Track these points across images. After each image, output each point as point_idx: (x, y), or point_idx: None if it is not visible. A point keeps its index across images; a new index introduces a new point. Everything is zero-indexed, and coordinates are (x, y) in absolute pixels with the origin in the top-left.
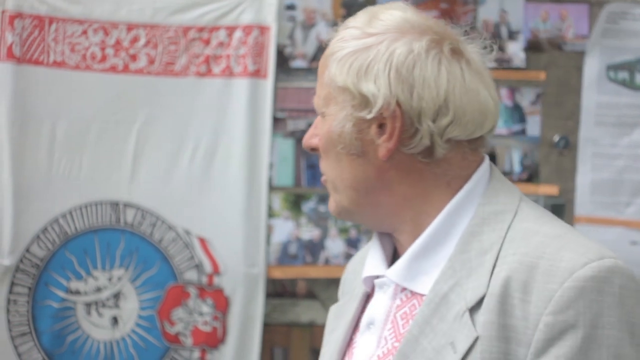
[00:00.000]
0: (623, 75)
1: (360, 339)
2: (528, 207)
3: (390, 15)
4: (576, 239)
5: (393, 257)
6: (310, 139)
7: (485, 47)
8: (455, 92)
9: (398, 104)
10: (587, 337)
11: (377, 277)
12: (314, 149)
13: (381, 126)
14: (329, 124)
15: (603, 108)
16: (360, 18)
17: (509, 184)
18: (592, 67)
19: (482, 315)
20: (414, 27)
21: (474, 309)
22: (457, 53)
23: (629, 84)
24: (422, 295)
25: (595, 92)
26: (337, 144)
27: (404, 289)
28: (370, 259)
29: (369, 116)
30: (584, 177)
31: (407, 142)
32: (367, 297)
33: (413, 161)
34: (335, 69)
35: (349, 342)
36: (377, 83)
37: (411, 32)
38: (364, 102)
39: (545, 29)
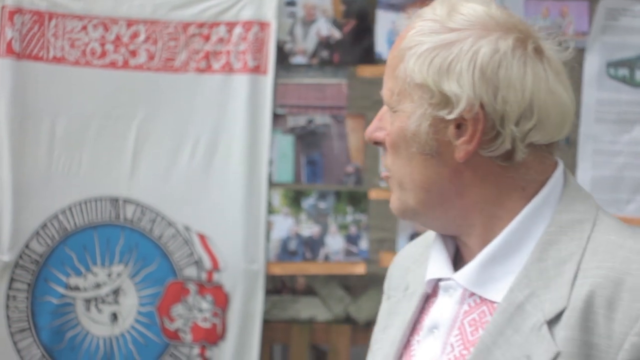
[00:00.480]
0: (623, 72)
1: (421, 342)
2: (607, 217)
3: (472, 10)
4: None
5: (455, 259)
6: (375, 132)
7: (560, 44)
8: (540, 95)
9: (481, 105)
10: None
11: (441, 279)
12: (378, 143)
13: (459, 126)
14: (402, 120)
15: (603, 105)
16: (438, 10)
17: (585, 191)
18: (593, 64)
19: (562, 330)
20: (499, 24)
21: (553, 322)
22: (539, 52)
23: (629, 81)
24: (492, 302)
25: (596, 89)
26: (410, 143)
27: (472, 294)
28: (433, 260)
29: (449, 116)
30: (584, 174)
31: (486, 145)
32: (426, 298)
33: (490, 164)
34: (414, 65)
35: (406, 344)
36: (460, 83)
37: (496, 29)
38: (444, 101)
39: (546, 25)
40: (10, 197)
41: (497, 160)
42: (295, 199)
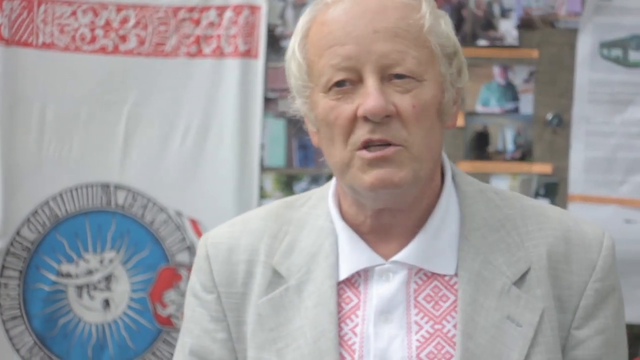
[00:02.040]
0: (616, 52)
1: (368, 329)
2: (490, 185)
3: None
4: (570, 212)
5: None
6: (388, 105)
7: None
8: None
9: None
10: (619, 298)
11: (371, 266)
12: (388, 116)
13: None
14: (433, 89)
15: (596, 85)
16: None
17: None
18: (585, 45)
19: (536, 288)
20: None
21: (518, 283)
22: None
23: (622, 61)
24: (442, 275)
25: (589, 70)
26: (442, 111)
27: (417, 272)
28: (351, 251)
29: (459, 85)
30: (578, 155)
31: None
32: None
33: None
34: (450, 34)
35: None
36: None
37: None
38: (459, 70)
39: (538, 6)
40: (0, 184)
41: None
42: (287, 183)
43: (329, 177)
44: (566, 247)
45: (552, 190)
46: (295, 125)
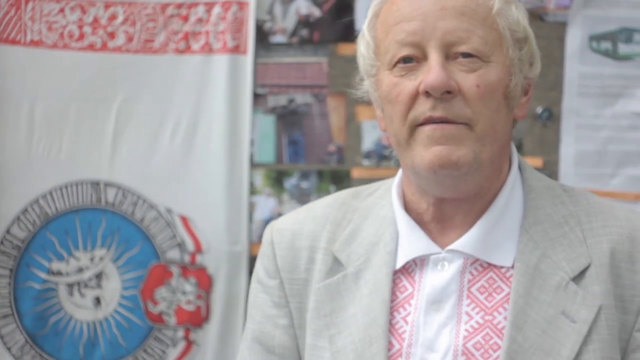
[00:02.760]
0: (606, 45)
1: (419, 318)
2: (560, 183)
3: None
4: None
5: None
6: (449, 81)
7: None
8: None
9: None
10: None
11: (427, 255)
12: (449, 92)
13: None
14: (501, 71)
15: (586, 79)
16: None
17: None
18: (575, 38)
19: (596, 284)
20: None
21: (577, 279)
22: None
23: (612, 54)
24: (499, 267)
25: (578, 63)
26: (508, 94)
27: (473, 263)
28: (408, 239)
29: (529, 74)
30: (568, 149)
31: None
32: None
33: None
34: (520, 17)
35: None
36: (534, 43)
37: None
38: (531, 59)
39: (527, 0)
40: None
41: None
42: (277, 179)
43: (319, 173)
44: (631, 246)
45: None
46: (284, 121)
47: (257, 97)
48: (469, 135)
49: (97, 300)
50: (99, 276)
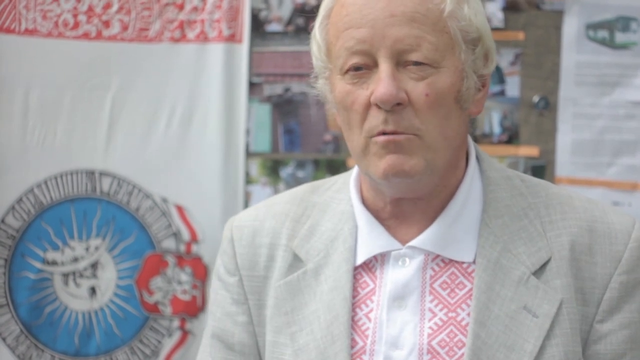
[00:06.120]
0: (602, 34)
1: (382, 315)
2: (520, 173)
3: None
4: (601, 202)
5: None
6: (400, 93)
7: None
8: None
9: None
10: None
11: (388, 251)
12: (399, 104)
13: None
14: (452, 75)
15: (583, 67)
16: None
17: None
18: (571, 26)
19: (556, 278)
20: None
21: (538, 273)
22: None
23: (609, 43)
24: (460, 262)
25: (575, 52)
26: (460, 99)
27: (434, 259)
28: (368, 235)
29: (484, 71)
30: (565, 138)
31: None
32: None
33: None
34: (474, 18)
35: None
36: (491, 39)
37: None
38: (485, 56)
39: None
40: None
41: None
42: (273, 168)
43: (315, 162)
44: (590, 238)
45: (539, 173)
46: (280, 110)
47: (252, 86)
48: (419, 145)
49: (93, 290)
50: (94, 266)
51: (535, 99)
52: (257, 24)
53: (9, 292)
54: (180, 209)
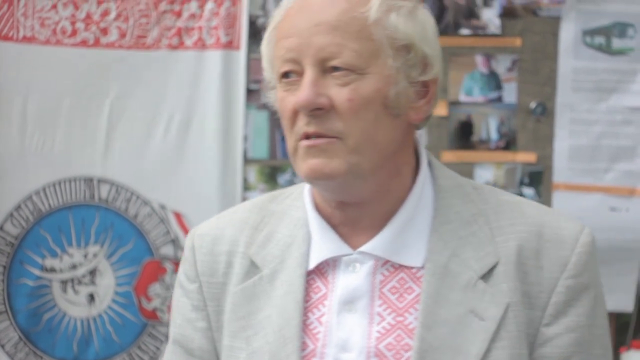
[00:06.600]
0: (599, 40)
1: (333, 318)
2: (473, 180)
3: None
4: (552, 209)
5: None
6: (318, 98)
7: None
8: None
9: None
10: (595, 296)
11: (339, 256)
12: (317, 110)
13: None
14: (378, 81)
15: (580, 73)
16: None
17: None
18: (568, 33)
19: (503, 282)
20: None
21: (486, 277)
22: None
23: (606, 49)
24: (410, 268)
25: (572, 58)
26: (388, 104)
27: (384, 264)
28: (320, 240)
29: (422, 78)
30: (562, 144)
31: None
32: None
33: (413, 129)
34: (401, 25)
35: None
36: (432, 46)
37: None
38: (422, 63)
39: None
40: None
41: (418, 125)
42: (271, 174)
43: None
44: (538, 242)
45: (537, 179)
46: (278, 117)
47: (250, 92)
48: (341, 148)
49: (91, 297)
50: (92, 273)
51: (533, 105)
52: (255, 31)
53: (8, 299)
54: (178, 216)
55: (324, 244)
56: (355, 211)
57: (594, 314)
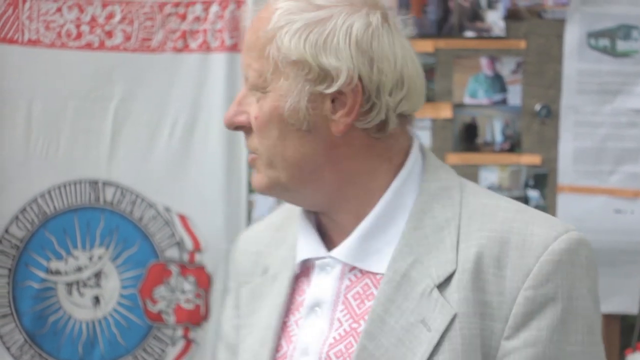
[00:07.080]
0: (604, 42)
1: (302, 321)
2: (470, 183)
3: None
4: (538, 213)
5: (322, 238)
6: (236, 117)
7: (404, 22)
8: (408, 65)
9: (359, 78)
10: (565, 309)
11: (314, 258)
12: (238, 128)
13: (333, 101)
14: (276, 100)
15: (584, 76)
16: None
17: (441, 161)
18: (573, 35)
19: (455, 292)
20: (364, 1)
21: (443, 286)
22: (396, 26)
23: (611, 51)
24: (375, 274)
25: (577, 60)
26: (287, 121)
27: (352, 269)
28: (303, 241)
29: (328, 90)
30: (567, 146)
31: (363, 117)
32: (296, 278)
33: (364, 137)
34: (290, 42)
35: (282, 326)
36: (338, 56)
37: (363, 5)
38: (323, 75)
39: None
40: None
41: (371, 132)
42: None
43: None
44: (501, 250)
45: (542, 181)
46: None
47: None
48: (261, 164)
49: (96, 300)
50: (97, 275)
51: (537, 107)
52: None
53: (13, 301)
54: (183, 218)
55: (305, 245)
56: (327, 217)
57: (562, 329)
